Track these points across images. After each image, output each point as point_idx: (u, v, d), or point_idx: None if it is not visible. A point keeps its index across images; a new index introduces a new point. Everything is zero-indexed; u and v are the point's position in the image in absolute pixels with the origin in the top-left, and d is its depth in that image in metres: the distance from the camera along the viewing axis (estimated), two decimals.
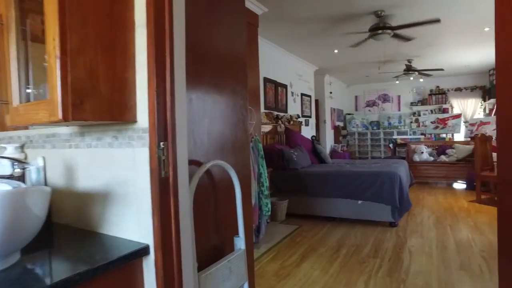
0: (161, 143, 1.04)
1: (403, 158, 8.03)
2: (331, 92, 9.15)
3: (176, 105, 1.08)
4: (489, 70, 9.25)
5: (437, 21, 3.96)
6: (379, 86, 10.86)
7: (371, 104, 11.15)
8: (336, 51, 6.50)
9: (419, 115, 10.47)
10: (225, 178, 1.50)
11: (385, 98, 10.95)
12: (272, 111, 5.87)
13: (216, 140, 1.47)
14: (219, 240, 1.47)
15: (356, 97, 11.33)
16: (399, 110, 10.81)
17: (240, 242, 1.50)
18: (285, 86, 6.51)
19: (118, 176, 1.14)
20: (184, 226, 1.12)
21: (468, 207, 5.26)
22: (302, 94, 7.37)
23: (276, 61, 6.24)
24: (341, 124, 10.63)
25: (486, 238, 3.76)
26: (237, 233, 1.52)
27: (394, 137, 9.41)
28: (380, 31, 4.31)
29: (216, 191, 1.48)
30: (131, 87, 1.08)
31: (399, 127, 10.62)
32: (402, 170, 4.74)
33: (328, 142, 9.43)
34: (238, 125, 1.65)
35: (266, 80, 5.79)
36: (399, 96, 10.76)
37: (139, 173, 1.08)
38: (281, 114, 6.18)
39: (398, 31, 4.38)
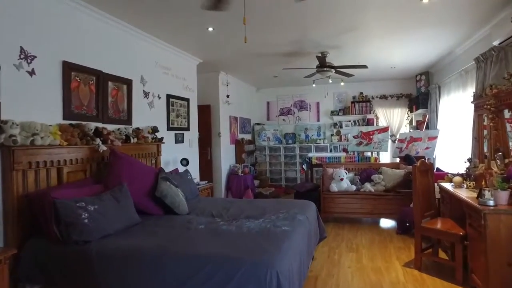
0: None
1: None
2: (228, 96, 6.85)
3: None
4: (416, 76, 7.75)
5: None
6: (295, 90, 8.85)
7: (286, 112, 9.12)
8: (210, 29, 4.18)
9: (341, 127, 8.68)
10: None
11: (301, 105, 8.98)
12: (84, 122, 3.30)
13: None
14: None
15: (268, 103, 9.21)
16: (318, 120, 8.92)
17: None
18: (127, 82, 4.00)
19: None
20: None
21: (406, 283, 3.24)
22: (170, 96, 4.91)
23: (108, 38, 3.73)
24: (247, 137, 8.39)
25: None
26: None
27: (310, 154, 7.35)
28: None
29: None
30: None
31: (318, 140, 8.71)
32: (296, 243, 2.45)
33: (227, 161, 7.08)
34: None
35: (70, 66, 3.22)
36: (317, 103, 8.87)
37: None
38: (116, 126, 3.67)
39: None
